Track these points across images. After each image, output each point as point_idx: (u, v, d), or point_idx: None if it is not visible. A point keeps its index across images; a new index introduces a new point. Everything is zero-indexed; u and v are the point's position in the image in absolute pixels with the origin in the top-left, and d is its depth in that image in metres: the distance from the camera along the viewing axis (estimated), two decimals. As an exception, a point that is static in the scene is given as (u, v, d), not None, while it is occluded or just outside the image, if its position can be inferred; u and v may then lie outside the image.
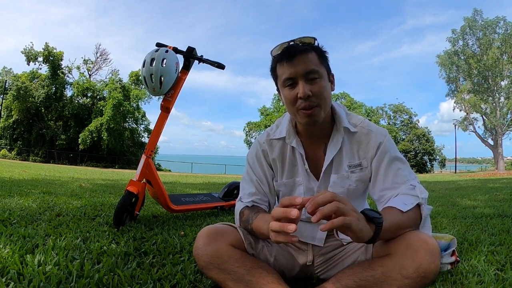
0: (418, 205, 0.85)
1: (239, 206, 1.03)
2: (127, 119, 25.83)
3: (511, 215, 2.24)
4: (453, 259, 0.95)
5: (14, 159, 21.97)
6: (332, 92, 0.97)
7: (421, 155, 33.51)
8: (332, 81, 0.96)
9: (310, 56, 0.88)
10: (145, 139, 27.43)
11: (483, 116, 22.96)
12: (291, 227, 0.65)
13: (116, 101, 23.32)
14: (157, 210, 2.32)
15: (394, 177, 0.92)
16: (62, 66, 24.83)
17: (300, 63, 0.87)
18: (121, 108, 23.98)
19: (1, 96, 23.16)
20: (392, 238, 0.82)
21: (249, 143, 30.94)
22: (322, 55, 0.92)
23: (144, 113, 27.52)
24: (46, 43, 23.77)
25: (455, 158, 28.93)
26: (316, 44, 0.92)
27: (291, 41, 0.91)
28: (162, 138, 1.87)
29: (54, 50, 23.71)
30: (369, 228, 0.70)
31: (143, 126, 27.82)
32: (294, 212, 0.66)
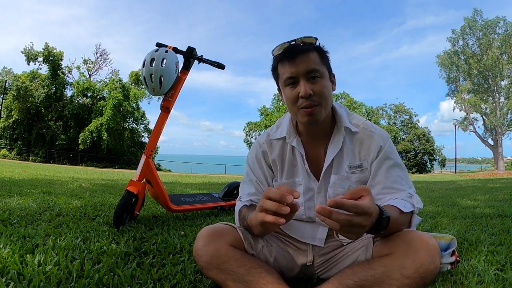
0: (411, 213, 0.86)
1: (238, 205, 1.05)
2: (127, 119, 25.86)
3: (511, 215, 2.24)
4: (453, 259, 0.95)
5: (14, 159, 21.96)
6: (333, 92, 0.97)
7: (421, 155, 33.50)
8: (333, 81, 0.97)
9: (311, 55, 0.89)
10: (145, 139, 27.42)
11: (483, 116, 22.93)
12: (286, 208, 0.70)
13: (116, 101, 23.33)
14: (157, 210, 2.32)
15: (393, 183, 0.92)
16: (62, 66, 24.83)
17: (301, 63, 0.88)
18: (121, 108, 23.99)
19: (1, 96, 23.16)
20: (392, 238, 0.82)
21: (249, 143, 30.92)
22: (323, 55, 0.92)
23: (144, 113, 27.58)
24: (46, 43, 23.84)
25: (455, 158, 28.91)
26: (317, 44, 0.92)
27: (293, 40, 0.91)
28: (161, 138, 1.87)
29: (54, 50, 23.72)
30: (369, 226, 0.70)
31: (143, 126, 27.87)
32: (290, 198, 0.70)
